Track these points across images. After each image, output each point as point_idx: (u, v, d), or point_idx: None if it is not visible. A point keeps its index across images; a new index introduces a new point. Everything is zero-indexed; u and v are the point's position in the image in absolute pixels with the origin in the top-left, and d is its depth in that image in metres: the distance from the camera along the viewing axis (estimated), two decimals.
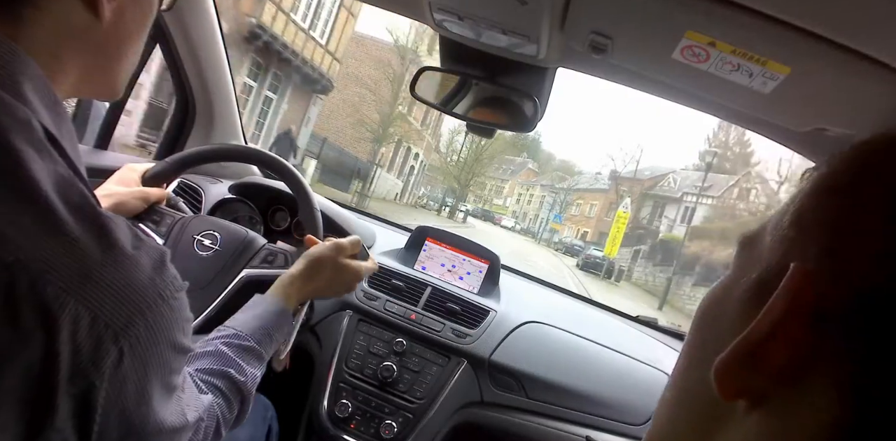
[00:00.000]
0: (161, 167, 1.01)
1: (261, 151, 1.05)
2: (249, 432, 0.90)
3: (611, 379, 1.13)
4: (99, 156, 1.26)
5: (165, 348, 0.40)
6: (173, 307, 0.40)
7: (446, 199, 33.77)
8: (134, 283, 0.37)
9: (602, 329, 1.27)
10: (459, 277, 1.27)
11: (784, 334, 0.21)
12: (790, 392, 0.21)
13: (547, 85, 0.87)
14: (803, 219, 0.24)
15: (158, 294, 0.39)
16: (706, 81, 0.63)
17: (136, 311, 0.37)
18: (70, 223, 0.35)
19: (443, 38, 0.82)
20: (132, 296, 0.37)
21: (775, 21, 0.51)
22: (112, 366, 0.36)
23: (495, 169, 49.37)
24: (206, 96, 1.35)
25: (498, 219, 43.43)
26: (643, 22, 0.59)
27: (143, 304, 0.38)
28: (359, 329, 1.14)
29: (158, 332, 0.39)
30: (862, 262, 0.20)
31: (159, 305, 0.39)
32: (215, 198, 1.20)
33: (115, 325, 0.36)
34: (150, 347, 0.39)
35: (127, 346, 0.37)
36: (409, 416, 1.07)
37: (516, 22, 0.67)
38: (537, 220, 45.54)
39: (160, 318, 0.39)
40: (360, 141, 18.85)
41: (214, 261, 0.94)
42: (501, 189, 54.01)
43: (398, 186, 24.54)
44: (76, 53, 0.42)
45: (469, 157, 31.55)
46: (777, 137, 0.79)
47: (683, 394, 0.27)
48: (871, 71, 0.52)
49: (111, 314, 0.36)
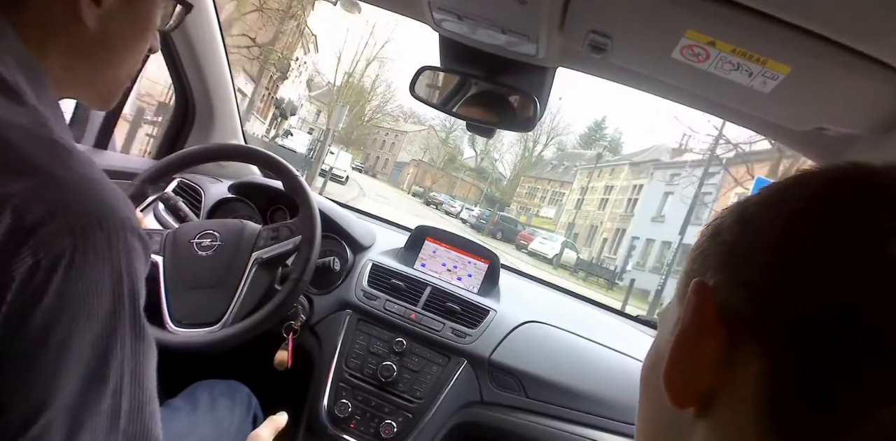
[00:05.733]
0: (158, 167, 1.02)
1: (260, 151, 1.05)
2: (237, 423, 0.91)
3: (610, 378, 1.13)
4: (99, 155, 1.26)
5: (96, 301, 0.35)
6: (113, 243, 0.36)
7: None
8: (69, 200, 0.34)
9: (602, 328, 1.27)
10: (459, 277, 1.27)
11: (702, 323, 0.25)
12: (725, 398, 0.24)
13: (546, 84, 0.87)
14: (705, 253, 0.28)
15: (97, 221, 0.35)
16: (706, 81, 0.63)
17: (65, 230, 0.34)
18: (26, 147, 0.36)
19: (442, 37, 0.82)
20: (65, 213, 0.34)
21: (775, 20, 0.51)
22: (24, 276, 0.33)
23: (552, 169, 36.54)
24: (205, 96, 1.35)
25: (525, 237, 22.73)
26: (643, 21, 0.59)
27: (76, 224, 0.34)
28: (359, 329, 1.14)
29: (87, 268, 0.35)
30: (752, 273, 0.25)
31: (95, 233, 0.35)
32: (215, 197, 1.20)
33: (38, 235, 0.33)
34: (75, 284, 0.34)
35: (46, 263, 0.33)
36: (408, 416, 1.07)
37: (516, 21, 0.67)
38: (621, 239, 22.95)
39: (92, 250, 0.35)
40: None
41: (220, 255, 0.96)
42: (560, 195, 34.15)
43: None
44: (61, 50, 0.43)
45: (520, 162, 28.32)
46: (777, 137, 0.79)
47: (649, 410, 0.31)
48: (871, 70, 0.52)
49: (34, 222, 0.33)
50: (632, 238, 21.83)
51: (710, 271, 0.27)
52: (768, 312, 0.23)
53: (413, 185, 35.51)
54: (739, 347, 0.24)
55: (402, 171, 38.39)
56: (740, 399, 0.23)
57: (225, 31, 1.24)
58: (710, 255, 0.28)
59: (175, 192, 1.21)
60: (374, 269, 1.20)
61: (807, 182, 0.27)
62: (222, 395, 0.93)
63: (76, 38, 0.44)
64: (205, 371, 1.02)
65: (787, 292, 0.23)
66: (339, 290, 1.17)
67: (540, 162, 34.02)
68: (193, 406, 0.88)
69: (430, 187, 35.04)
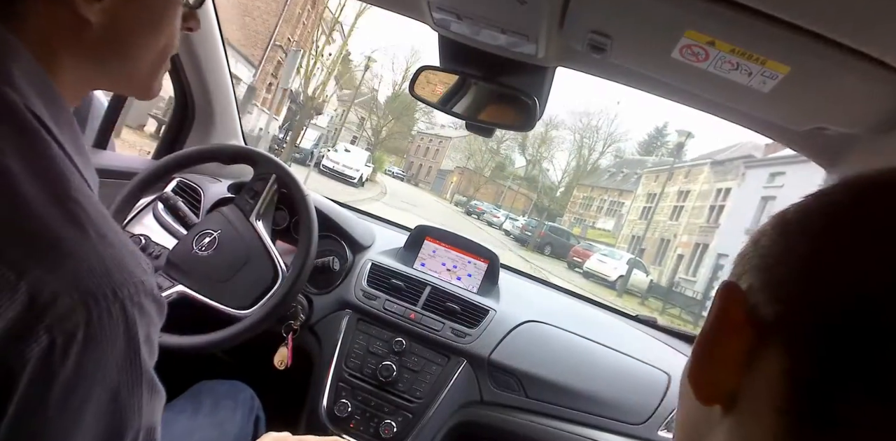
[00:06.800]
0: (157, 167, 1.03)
1: (259, 151, 1.05)
2: (239, 425, 0.91)
3: (610, 378, 1.13)
4: (98, 155, 1.26)
5: (112, 368, 0.35)
6: (128, 310, 0.35)
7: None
8: (82, 271, 0.34)
9: (602, 328, 1.27)
10: (458, 277, 1.27)
11: (728, 324, 0.26)
12: (748, 396, 0.25)
13: (546, 84, 0.87)
14: (745, 257, 0.29)
15: (112, 290, 0.35)
16: (705, 80, 0.63)
17: (80, 303, 0.33)
18: (39, 205, 0.34)
19: (442, 37, 0.82)
20: (79, 285, 0.33)
21: (775, 20, 0.51)
22: (40, 355, 0.32)
23: (609, 177, 32.78)
24: (205, 96, 1.35)
25: (580, 253, 18.38)
26: (642, 21, 0.59)
27: (90, 296, 0.33)
28: (358, 328, 1.14)
29: (103, 338, 0.34)
30: (781, 274, 0.26)
31: (109, 303, 0.34)
32: (214, 197, 1.20)
33: (52, 311, 0.32)
34: (91, 356, 0.34)
35: (61, 341, 0.33)
36: (408, 416, 1.07)
37: (515, 21, 0.67)
38: (702, 256, 18.04)
39: (107, 320, 0.34)
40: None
41: (226, 240, 1.01)
42: (620, 205, 30.42)
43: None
44: (72, 55, 0.42)
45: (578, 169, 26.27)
46: (776, 136, 0.79)
47: (684, 405, 0.31)
48: (870, 70, 0.52)
49: (49, 298, 0.32)
50: (717, 255, 17.01)
51: (746, 274, 0.28)
52: (792, 313, 0.24)
53: (456, 194, 33.79)
54: (764, 347, 0.25)
55: (446, 180, 36.61)
56: (762, 397, 0.24)
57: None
58: (749, 260, 0.29)
59: (174, 191, 1.21)
60: (373, 269, 1.19)
61: (841, 189, 0.27)
62: (225, 396, 0.93)
63: (85, 38, 0.41)
64: (207, 371, 1.02)
65: (810, 293, 0.24)
66: (339, 290, 1.17)
67: (596, 170, 32.15)
68: (195, 407, 0.88)
69: (474, 196, 33.17)
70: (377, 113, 28.51)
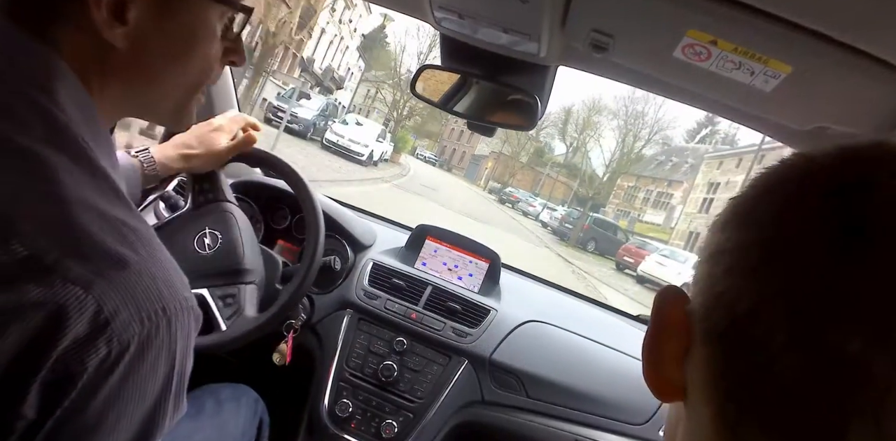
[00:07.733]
0: None
1: (261, 151, 1.05)
2: (242, 428, 0.90)
3: (612, 378, 1.13)
4: None
5: (151, 384, 0.38)
6: (172, 326, 0.38)
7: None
8: (139, 289, 0.36)
9: (603, 328, 1.27)
10: (460, 276, 1.27)
11: (668, 323, 0.27)
12: (690, 388, 0.26)
13: (548, 83, 0.87)
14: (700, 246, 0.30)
15: (162, 306, 0.37)
16: (707, 80, 0.63)
17: (136, 318, 0.36)
18: (96, 228, 0.36)
19: (443, 36, 0.82)
20: (135, 300, 0.36)
21: (777, 19, 0.51)
22: (97, 364, 0.35)
23: (657, 166, 29.67)
24: (205, 96, 1.35)
25: (633, 251, 15.11)
26: (644, 20, 0.59)
27: (143, 311, 0.36)
28: (359, 328, 1.14)
29: (149, 354, 0.37)
30: (697, 273, 0.27)
31: (159, 319, 0.37)
32: None
33: (113, 324, 0.35)
34: (137, 370, 0.36)
35: (116, 351, 0.35)
36: (409, 416, 1.07)
37: (517, 20, 0.67)
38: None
39: (155, 336, 0.37)
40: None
41: (228, 235, 0.99)
42: (668, 196, 27.43)
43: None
44: (100, 76, 0.42)
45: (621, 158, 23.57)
46: (778, 135, 0.79)
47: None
48: (873, 69, 0.52)
49: (112, 311, 0.35)
50: None
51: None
52: (714, 305, 0.25)
53: (490, 181, 31.91)
54: (695, 341, 0.26)
55: (480, 166, 34.76)
56: (696, 388, 0.26)
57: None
58: (701, 250, 0.29)
59: (175, 190, 1.20)
60: (374, 269, 1.19)
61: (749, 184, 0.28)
62: (228, 399, 0.93)
63: (111, 63, 0.41)
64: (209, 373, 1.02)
65: (733, 289, 0.25)
66: (340, 290, 1.17)
67: (641, 158, 29.50)
68: (198, 410, 0.87)
69: (510, 183, 31.03)
70: (399, 86, 25.05)
